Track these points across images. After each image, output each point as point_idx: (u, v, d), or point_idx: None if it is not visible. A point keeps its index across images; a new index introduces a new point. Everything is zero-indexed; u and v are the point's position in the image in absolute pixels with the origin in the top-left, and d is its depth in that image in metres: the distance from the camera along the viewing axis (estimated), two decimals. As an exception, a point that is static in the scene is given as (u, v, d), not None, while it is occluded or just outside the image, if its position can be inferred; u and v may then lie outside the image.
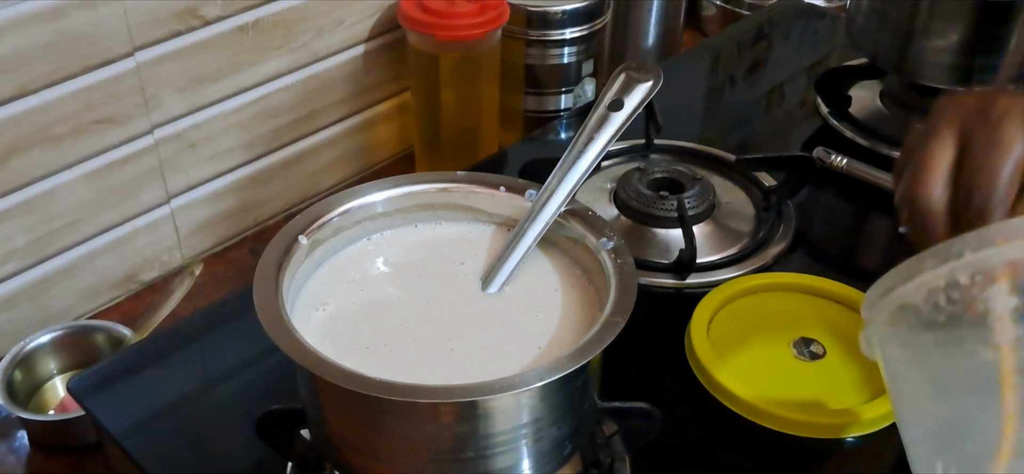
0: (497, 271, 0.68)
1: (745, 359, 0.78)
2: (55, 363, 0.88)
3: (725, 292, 0.83)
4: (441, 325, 0.65)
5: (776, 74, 1.22)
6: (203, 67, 0.95)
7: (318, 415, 0.64)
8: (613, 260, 0.65)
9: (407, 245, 0.71)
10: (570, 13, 1.09)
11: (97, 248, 0.94)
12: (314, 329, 0.64)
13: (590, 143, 0.70)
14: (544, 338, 0.64)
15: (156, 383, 0.79)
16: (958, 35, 0.99)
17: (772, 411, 0.73)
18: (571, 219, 0.69)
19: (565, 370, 0.57)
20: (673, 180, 0.92)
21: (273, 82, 1.01)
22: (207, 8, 0.93)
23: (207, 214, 1.01)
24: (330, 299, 0.67)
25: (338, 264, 0.69)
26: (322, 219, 0.68)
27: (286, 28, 0.99)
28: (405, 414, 0.58)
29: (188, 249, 1.01)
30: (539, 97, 1.13)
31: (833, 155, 0.98)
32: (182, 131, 0.96)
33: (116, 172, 0.92)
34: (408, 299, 0.67)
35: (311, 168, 1.08)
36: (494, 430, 0.59)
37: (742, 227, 0.92)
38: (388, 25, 1.07)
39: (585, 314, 0.66)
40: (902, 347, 0.58)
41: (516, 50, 1.10)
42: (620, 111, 0.71)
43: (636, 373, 0.78)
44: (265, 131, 1.02)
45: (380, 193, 0.70)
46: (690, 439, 0.75)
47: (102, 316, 0.95)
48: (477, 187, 0.72)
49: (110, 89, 0.89)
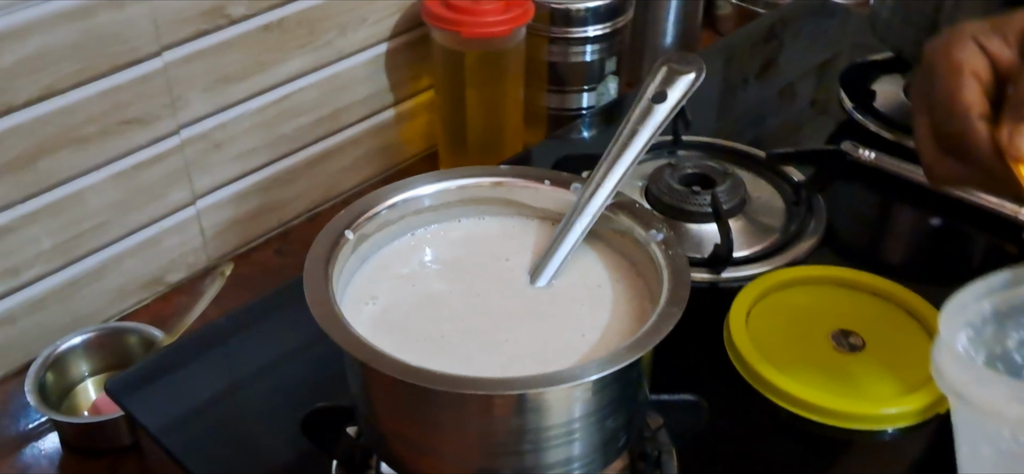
0: (545, 265, 0.67)
1: (785, 351, 0.78)
2: (87, 365, 0.88)
3: (762, 286, 0.83)
4: (492, 319, 0.64)
5: (790, 70, 1.22)
6: (229, 66, 0.94)
7: (371, 411, 0.63)
8: (664, 252, 0.65)
9: (452, 240, 0.71)
10: (593, 10, 1.09)
11: (125, 250, 0.93)
12: (366, 323, 0.64)
13: (635, 136, 0.69)
14: (596, 331, 0.64)
15: (193, 383, 0.78)
16: (983, 27, 0.99)
17: (815, 402, 0.73)
18: (618, 212, 0.68)
19: (625, 361, 0.56)
20: (704, 175, 0.92)
21: (297, 81, 1.00)
22: (233, 7, 0.92)
23: (232, 215, 1.00)
24: (379, 293, 0.66)
25: (384, 259, 0.69)
26: (368, 213, 0.68)
27: (310, 26, 0.99)
28: (466, 407, 0.58)
29: (213, 250, 1.00)
30: (562, 95, 1.13)
31: (861, 149, 0.98)
32: (208, 131, 0.95)
33: (143, 173, 0.92)
34: (458, 293, 0.66)
35: (335, 167, 1.07)
36: (553, 422, 0.58)
37: (773, 222, 0.92)
38: (411, 22, 1.07)
39: (635, 306, 0.66)
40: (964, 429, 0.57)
41: (539, 47, 1.09)
42: (664, 103, 0.71)
43: (676, 367, 0.77)
44: (289, 130, 1.02)
45: (427, 187, 0.70)
46: (732, 430, 0.74)
47: (130, 318, 0.95)
48: (521, 181, 0.71)
49: (138, 89, 0.89)
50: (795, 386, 0.74)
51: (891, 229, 1.00)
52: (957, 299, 0.58)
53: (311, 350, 0.80)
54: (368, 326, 0.64)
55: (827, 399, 0.73)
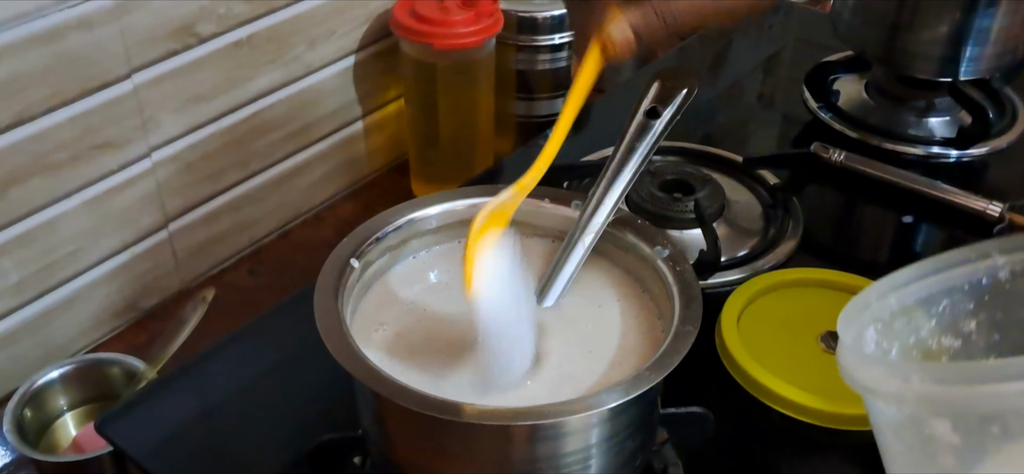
0: (551, 284, 0.67)
1: (777, 356, 0.78)
2: (66, 399, 0.86)
3: (749, 291, 0.84)
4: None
5: (750, 73, 1.24)
6: (199, 85, 0.93)
7: (385, 441, 0.62)
8: (671, 268, 0.65)
9: (455, 262, 0.70)
10: (560, 18, 1.09)
11: (98, 278, 0.91)
12: (376, 349, 0.63)
13: (632, 151, 0.70)
14: (609, 350, 0.64)
15: (185, 415, 0.77)
16: (945, 27, 1.01)
17: (813, 406, 0.74)
18: (620, 228, 0.69)
19: (648, 384, 0.57)
20: (684, 182, 0.92)
21: (267, 97, 0.99)
22: (202, 26, 0.91)
23: (204, 236, 0.99)
24: (387, 320, 0.66)
25: (388, 285, 0.68)
26: (370, 240, 0.67)
27: (279, 42, 0.97)
28: (485, 437, 0.58)
29: (186, 273, 0.99)
30: (530, 102, 1.13)
31: (831, 150, 1.00)
32: (179, 152, 0.93)
33: (115, 198, 0.90)
34: (464, 317, 0.66)
35: (305, 182, 1.06)
36: (574, 448, 0.58)
37: (752, 226, 0.93)
38: (379, 33, 1.06)
39: (644, 323, 0.66)
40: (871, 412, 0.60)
41: (507, 56, 1.09)
42: (658, 118, 0.71)
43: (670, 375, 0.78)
44: (259, 147, 1.00)
45: (430, 209, 0.69)
46: (733, 437, 0.75)
47: (104, 347, 0.93)
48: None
49: (108, 112, 0.87)
50: (792, 391, 0.75)
51: (865, 228, 1.02)
52: (857, 300, 0.62)
53: (301, 375, 0.79)
54: (378, 352, 0.63)
55: (823, 402, 0.74)
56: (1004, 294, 0.64)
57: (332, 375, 0.59)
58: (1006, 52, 1.02)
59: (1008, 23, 1.00)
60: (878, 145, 1.04)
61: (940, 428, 0.53)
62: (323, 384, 0.75)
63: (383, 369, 0.58)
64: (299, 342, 0.65)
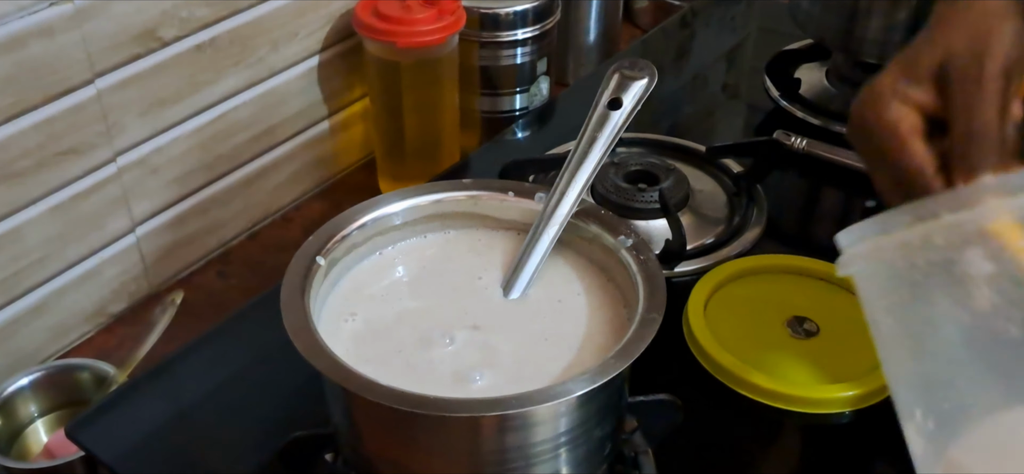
0: (517, 277, 0.68)
1: (744, 342, 0.80)
2: (36, 405, 0.85)
3: (715, 278, 0.85)
4: (470, 334, 0.65)
5: (712, 62, 1.25)
6: (163, 89, 0.92)
7: (355, 436, 0.63)
8: (635, 257, 0.66)
9: (420, 257, 0.71)
10: (521, 13, 1.09)
11: (65, 284, 0.91)
12: (344, 343, 0.64)
13: (594, 143, 0.70)
14: (575, 340, 0.64)
15: (155, 418, 0.77)
16: (902, 12, 1.02)
17: (780, 391, 0.75)
18: (584, 219, 0.69)
19: (613, 372, 0.57)
20: (648, 172, 0.93)
21: (232, 99, 0.99)
22: (165, 30, 0.91)
23: (172, 239, 0.99)
24: (356, 312, 0.66)
25: (355, 281, 0.69)
26: (336, 237, 0.67)
27: (242, 44, 0.97)
28: (454, 429, 0.58)
29: (155, 277, 0.98)
30: (494, 98, 1.13)
31: (793, 137, 1.01)
32: (144, 156, 0.93)
33: (81, 204, 0.89)
34: (433, 310, 0.66)
35: (272, 184, 1.06)
36: (542, 437, 0.59)
37: (717, 214, 0.94)
38: (343, 34, 1.06)
39: (610, 312, 0.67)
40: (880, 296, 0.57)
41: (469, 52, 1.10)
42: (619, 109, 0.72)
43: (638, 364, 0.79)
44: (225, 149, 1.00)
45: (395, 205, 0.70)
46: (702, 424, 0.75)
47: (74, 353, 0.92)
48: (484, 194, 0.72)
49: (72, 119, 0.86)
50: (759, 376, 0.76)
51: (829, 214, 1.03)
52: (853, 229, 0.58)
53: (272, 375, 0.79)
54: (347, 345, 0.64)
55: (790, 387, 0.75)
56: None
57: (303, 373, 0.59)
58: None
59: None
60: (840, 131, 1.05)
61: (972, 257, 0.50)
62: (294, 382, 0.75)
63: (352, 363, 0.59)
64: (269, 342, 0.65)
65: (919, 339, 0.57)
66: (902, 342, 0.58)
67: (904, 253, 0.53)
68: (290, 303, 0.62)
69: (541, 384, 0.60)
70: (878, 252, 0.55)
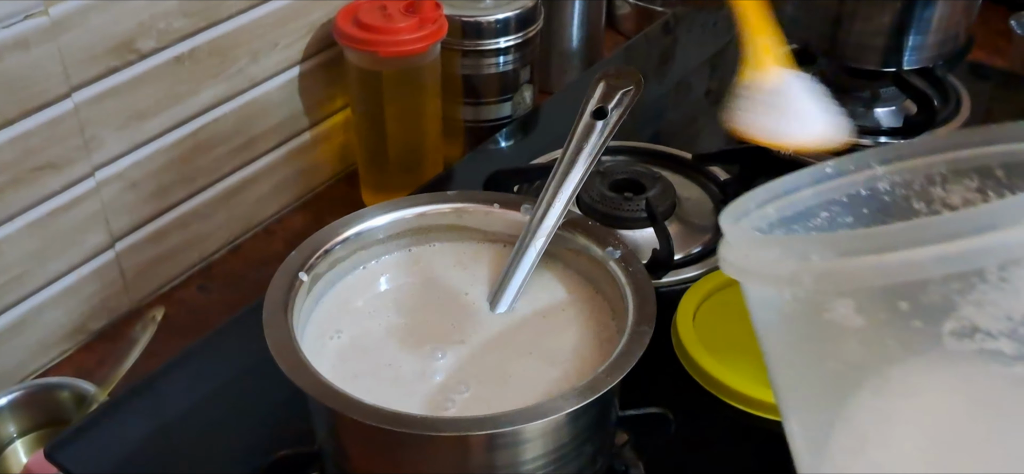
0: (504, 290, 0.67)
1: (734, 353, 0.79)
2: (15, 426, 0.84)
3: (703, 288, 0.84)
4: (457, 350, 0.64)
5: (695, 68, 1.24)
6: (141, 102, 0.91)
7: (341, 456, 0.62)
8: (624, 269, 0.65)
9: (405, 271, 0.70)
10: (503, 21, 1.08)
11: (44, 301, 0.89)
12: (329, 360, 0.63)
13: (580, 153, 0.70)
14: (564, 354, 0.63)
15: (136, 437, 0.75)
16: (887, 17, 1.02)
17: (769, 400, 0.74)
18: (571, 230, 0.68)
19: (604, 388, 0.56)
20: (634, 181, 0.92)
21: (211, 111, 0.97)
22: (142, 41, 0.89)
23: (152, 254, 0.97)
24: (342, 327, 0.65)
25: (339, 297, 0.68)
26: (318, 252, 0.66)
27: (222, 55, 0.96)
28: (442, 448, 0.57)
29: (135, 292, 0.97)
30: (477, 107, 1.12)
31: (780, 143, 1.00)
32: (123, 170, 0.92)
33: (59, 219, 0.88)
34: (418, 326, 0.65)
35: (254, 196, 1.05)
36: (532, 455, 0.58)
37: (704, 222, 0.93)
38: (323, 44, 1.05)
39: (598, 325, 0.66)
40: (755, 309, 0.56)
41: (452, 61, 1.08)
42: (605, 119, 0.71)
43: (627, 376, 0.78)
44: (205, 162, 0.99)
45: (378, 219, 0.69)
46: (691, 435, 0.75)
47: (54, 371, 0.91)
48: (470, 206, 0.71)
49: (49, 133, 0.85)
50: (750, 387, 0.75)
51: (816, 220, 1.02)
52: (737, 204, 0.58)
53: (255, 391, 0.78)
54: (333, 360, 0.63)
55: (780, 397, 0.75)
56: (884, 207, 0.61)
57: (287, 390, 0.58)
58: (948, 40, 1.04)
59: (949, 11, 1.01)
60: (824, 137, 1.05)
61: (842, 310, 0.48)
62: (278, 399, 0.74)
63: (337, 380, 0.58)
64: (252, 357, 0.64)
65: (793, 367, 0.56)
66: (778, 357, 0.57)
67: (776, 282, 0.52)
68: (273, 321, 0.61)
69: (530, 400, 0.59)
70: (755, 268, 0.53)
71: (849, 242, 0.48)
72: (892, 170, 0.61)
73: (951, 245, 0.44)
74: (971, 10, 1.05)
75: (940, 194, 0.60)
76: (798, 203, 0.61)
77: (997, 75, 1.22)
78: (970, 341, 0.47)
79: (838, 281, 0.48)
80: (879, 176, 0.61)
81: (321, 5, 1.04)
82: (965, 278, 0.46)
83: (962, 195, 0.59)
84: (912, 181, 0.60)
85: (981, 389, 0.49)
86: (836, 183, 0.61)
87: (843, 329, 0.48)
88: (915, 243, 0.44)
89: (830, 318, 0.48)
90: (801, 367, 0.55)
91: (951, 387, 0.49)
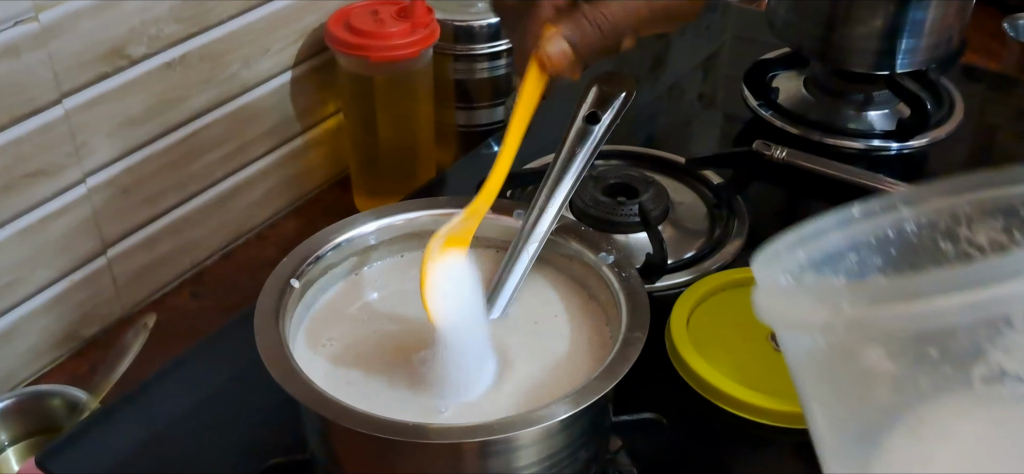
0: (497, 295, 0.66)
1: (729, 357, 0.78)
2: (6, 433, 0.83)
3: (697, 292, 0.83)
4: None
5: (688, 72, 1.24)
6: (132, 108, 0.91)
7: (334, 464, 0.61)
8: (617, 274, 0.65)
9: (398, 277, 0.69)
10: (495, 26, 1.08)
11: (36, 308, 0.89)
12: (321, 368, 0.62)
13: (573, 158, 0.69)
14: (558, 360, 0.63)
15: (129, 446, 0.75)
16: (879, 20, 1.02)
17: (763, 405, 0.74)
18: (564, 236, 0.68)
19: (598, 394, 0.56)
20: (627, 185, 0.92)
21: (203, 117, 0.97)
22: (132, 47, 0.89)
23: (144, 260, 0.97)
24: (334, 335, 0.65)
25: (331, 303, 0.67)
26: (309, 259, 0.66)
27: (213, 61, 0.96)
28: (436, 456, 0.57)
29: (127, 299, 0.96)
30: (470, 112, 1.12)
31: (773, 147, 1.00)
32: (114, 176, 0.91)
33: (50, 226, 0.88)
34: (411, 332, 0.65)
35: (246, 202, 1.04)
36: (526, 462, 0.58)
37: (698, 226, 0.93)
38: (315, 49, 1.05)
39: (592, 330, 0.66)
40: (790, 353, 0.57)
41: (444, 66, 1.08)
42: (597, 123, 0.71)
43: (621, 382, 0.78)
44: (198, 168, 0.98)
45: (369, 225, 0.69)
46: (685, 440, 0.74)
47: (45, 379, 0.91)
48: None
49: (40, 139, 0.84)
50: (745, 392, 0.75)
51: (810, 224, 1.02)
52: (768, 249, 0.58)
53: (248, 398, 0.77)
54: (326, 367, 0.62)
55: (777, 402, 0.74)
56: (911, 248, 0.61)
57: (279, 397, 0.57)
58: (941, 43, 1.03)
59: (942, 14, 1.01)
60: (819, 140, 1.05)
61: (874, 357, 0.50)
62: (270, 406, 0.74)
63: (329, 387, 0.58)
64: (244, 364, 0.64)
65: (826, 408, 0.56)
66: (812, 397, 0.57)
67: (808, 326, 0.52)
68: (264, 328, 0.60)
69: (523, 406, 0.59)
70: (785, 312, 0.54)
71: (878, 291, 0.50)
72: (918, 211, 0.62)
73: (978, 293, 0.45)
74: (964, 13, 1.05)
75: (966, 234, 0.61)
76: (827, 246, 0.61)
77: (990, 78, 1.22)
78: (1000, 386, 0.48)
79: (868, 329, 0.49)
80: (905, 217, 0.62)
81: (313, 10, 1.03)
82: (993, 325, 0.47)
83: (988, 235, 0.61)
84: (938, 221, 0.62)
85: (1014, 432, 0.50)
86: (864, 226, 0.62)
87: (876, 374, 0.50)
88: (942, 291, 0.45)
89: (863, 364, 0.50)
90: (837, 411, 0.56)
91: (984, 430, 0.50)
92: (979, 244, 0.61)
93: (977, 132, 1.10)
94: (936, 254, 0.62)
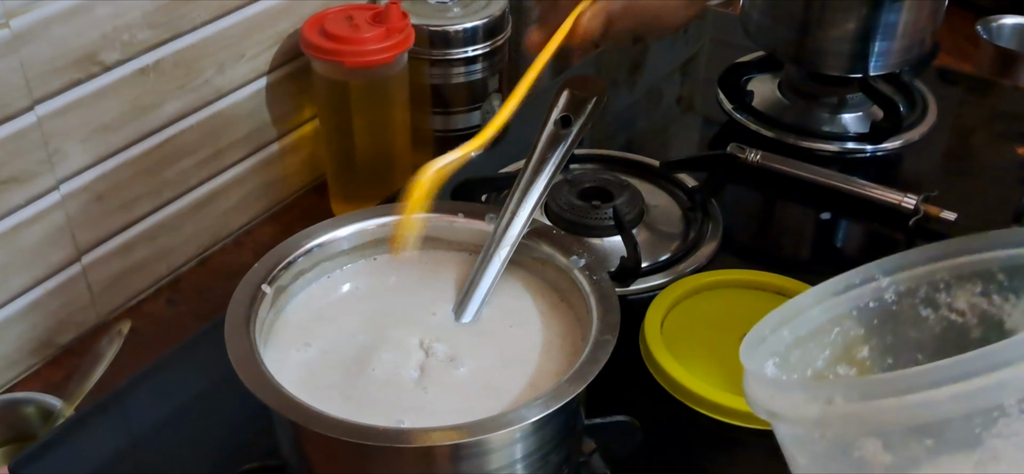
0: (469, 299, 0.67)
1: (702, 360, 0.79)
2: (-20, 442, 0.83)
3: (672, 295, 0.84)
4: (423, 360, 0.63)
5: (663, 75, 1.24)
6: (106, 114, 0.90)
7: (308, 470, 0.61)
8: (588, 277, 0.65)
9: (370, 282, 0.69)
10: (471, 30, 1.08)
11: (10, 316, 0.88)
12: (293, 372, 0.62)
13: (544, 162, 0.70)
14: (529, 363, 0.63)
15: (102, 453, 0.75)
16: (853, 23, 1.03)
17: (737, 407, 0.74)
18: (536, 239, 0.68)
19: (568, 396, 0.56)
20: (602, 189, 0.92)
21: (177, 123, 0.97)
22: (106, 54, 0.89)
23: (120, 267, 0.96)
24: (305, 344, 0.64)
25: (304, 308, 0.67)
26: (281, 264, 0.66)
27: (187, 67, 0.96)
28: (407, 460, 0.57)
29: (102, 306, 0.96)
30: (446, 116, 1.12)
31: (748, 150, 1.00)
32: (88, 183, 0.91)
33: (24, 233, 0.87)
34: (383, 336, 0.65)
35: (222, 208, 1.04)
36: (498, 464, 0.58)
37: (672, 229, 0.93)
38: (290, 54, 1.05)
39: (564, 333, 0.66)
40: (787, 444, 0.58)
41: (420, 71, 1.08)
42: (569, 127, 0.71)
43: (595, 384, 0.78)
44: (172, 174, 0.98)
45: (341, 230, 0.69)
46: (659, 442, 0.75)
47: (20, 387, 0.90)
48: (433, 215, 0.70)
49: (12, 146, 0.84)
50: (718, 393, 0.75)
51: (785, 227, 1.03)
52: (754, 333, 0.61)
53: (223, 405, 0.78)
54: (299, 372, 0.62)
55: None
56: (892, 316, 0.64)
57: (253, 403, 0.57)
58: (913, 45, 1.04)
59: (914, 17, 1.02)
60: (794, 143, 1.05)
61: (870, 448, 0.51)
62: (245, 412, 0.73)
63: (302, 392, 0.58)
64: (219, 370, 0.63)
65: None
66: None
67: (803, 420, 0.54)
68: (235, 334, 0.60)
69: (496, 409, 0.59)
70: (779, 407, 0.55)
71: (870, 386, 0.51)
72: (896, 280, 0.63)
73: (968, 384, 0.46)
74: (937, 16, 1.05)
75: (945, 300, 0.63)
76: (810, 322, 0.63)
77: (964, 80, 1.23)
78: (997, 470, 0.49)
79: (863, 423, 0.50)
80: (884, 287, 0.63)
81: (287, 15, 1.03)
82: (987, 413, 0.48)
83: (967, 300, 0.62)
84: (916, 288, 0.63)
85: None
86: (843, 298, 0.63)
87: (873, 465, 0.51)
88: (933, 384, 0.47)
89: (860, 455, 0.51)
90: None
91: None
92: (959, 309, 0.63)
93: (950, 134, 1.11)
94: (917, 321, 0.63)
